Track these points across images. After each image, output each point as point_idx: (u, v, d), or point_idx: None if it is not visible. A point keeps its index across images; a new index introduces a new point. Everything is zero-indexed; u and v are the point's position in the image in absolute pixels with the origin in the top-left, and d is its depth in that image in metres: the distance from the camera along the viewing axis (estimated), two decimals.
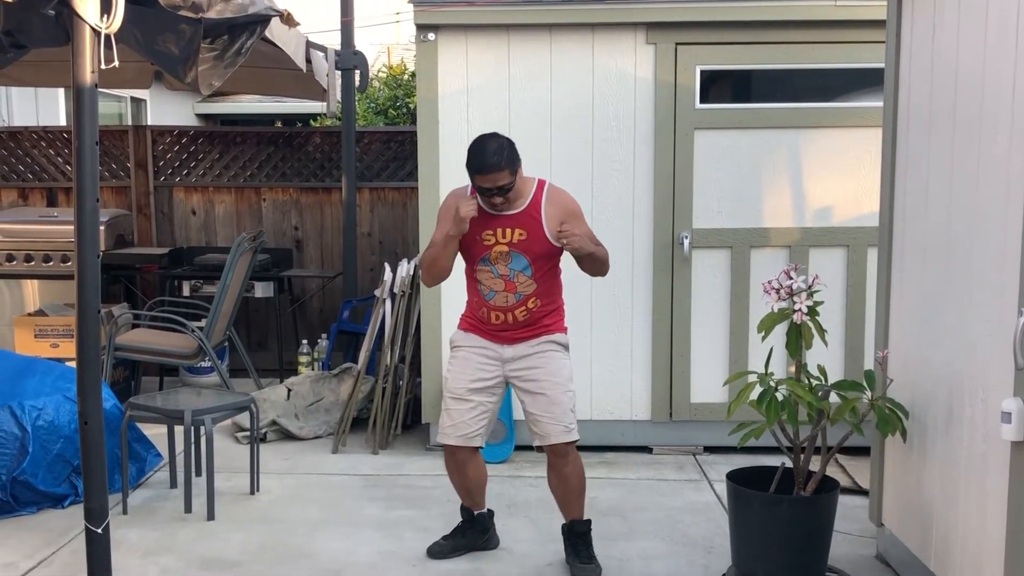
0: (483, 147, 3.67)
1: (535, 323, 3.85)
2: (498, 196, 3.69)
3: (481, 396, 3.90)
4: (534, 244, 3.76)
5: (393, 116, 13.30)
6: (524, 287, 3.81)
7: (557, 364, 3.86)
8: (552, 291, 3.89)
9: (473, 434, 3.92)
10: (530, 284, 3.80)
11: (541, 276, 3.81)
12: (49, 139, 7.81)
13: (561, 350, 3.90)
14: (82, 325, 3.05)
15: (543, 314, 3.86)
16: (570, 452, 3.90)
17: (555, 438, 3.85)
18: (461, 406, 3.90)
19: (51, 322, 6.68)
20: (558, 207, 3.79)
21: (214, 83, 3.58)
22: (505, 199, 3.71)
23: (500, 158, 3.63)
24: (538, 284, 3.81)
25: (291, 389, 6.15)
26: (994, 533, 3.04)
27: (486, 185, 3.66)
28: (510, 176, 3.66)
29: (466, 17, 5.26)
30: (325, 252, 7.82)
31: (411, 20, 5.35)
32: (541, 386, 3.84)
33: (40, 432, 4.60)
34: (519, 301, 3.81)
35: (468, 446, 3.94)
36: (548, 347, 3.86)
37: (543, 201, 3.79)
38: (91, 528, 3.11)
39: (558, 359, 3.87)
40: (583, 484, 3.98)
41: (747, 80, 5.55)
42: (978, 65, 3.19)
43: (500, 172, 3.63)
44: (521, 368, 3.87)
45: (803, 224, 5.40)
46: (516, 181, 3.70)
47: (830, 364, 4.22)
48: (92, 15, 2.93)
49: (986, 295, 3.12)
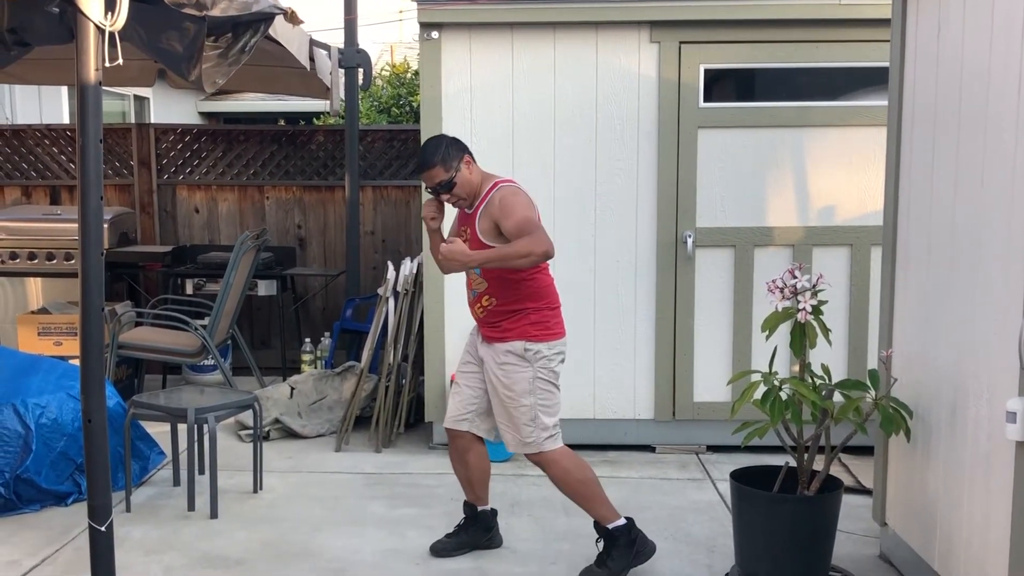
0: (423, 147, 3.89)
1: (496, 323, 3.87)
2: (442, 193, 3.85)
3: (468, 380, 4.00)
4: (473, 242, 3.83)
5: (396, 114, 13.30)
6: (477, 285, 3.91)
7: (512, 377, 3.82)
8: (509, 292, 3.83)
9: (460, 417, 3.99)
10: (481, 282, 3.88)
11: (490, 275, 3.83)
12: (52, 137, 7.82)
13: (518, 362, 3.81)
14: (86, 323, 3.05)
15: (502, 315, 3.84)
16: (544, 462, 3.87)
17: (512, 448, 3.95)
18: (455, 390, 4.06)
19: (54, 320, 6.69)
20: (493, 206, 3.81)
21: (218, 81, 3.58)
22: (451, 196, 3.84)
23: (434, 156, 3.81)
24: (488, 283, 3.85)
25: (294, 387, 6.16)
26: (998, 533, 3.04)
27: (425, 183, 3.87)
28: (444, 173, 3.80)
29: (470, 15, 5.25)
30: (328, 250, 7.82)
31: (415, 18, 5.34)
32: (499, 397, 3.87)
33: (43, 430, 4.60)
34: (475, 298, 3.93)
35: (458, 429, 4.00)
36: (505, 358, 3.83)
37: (486, 201, 3.83)
38: (94, 526, 3.11)
39: (513, 372, 3.82)
40: (580, 490, 3.88)
41: (751, 79, 5.54)
42: (983, 63, 3.19)
43: (433, 169, 3.80)
44: (488, 372, 3.91)
45: (807, 223, 5.40)
46: (455, 178, 3.80)
47: (834, 363, 4.22)
48: (96, 13, 2.93)
49: (991, 294, 3.11)
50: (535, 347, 3.82)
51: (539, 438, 3.82)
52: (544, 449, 3.84)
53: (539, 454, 3.85)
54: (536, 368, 3.81)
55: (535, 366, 3.81)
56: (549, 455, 3.85)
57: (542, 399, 3.82)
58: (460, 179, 3.81)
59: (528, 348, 3.81)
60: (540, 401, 3.82)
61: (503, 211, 3.76)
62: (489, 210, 3.81)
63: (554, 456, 3.86)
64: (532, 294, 3.85)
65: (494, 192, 3.84)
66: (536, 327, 3.84)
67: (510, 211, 3.76)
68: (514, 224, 3.73)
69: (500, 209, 3.77)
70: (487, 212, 3.81)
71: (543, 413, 3.82)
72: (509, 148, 5.37)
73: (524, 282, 3.83)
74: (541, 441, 3.83)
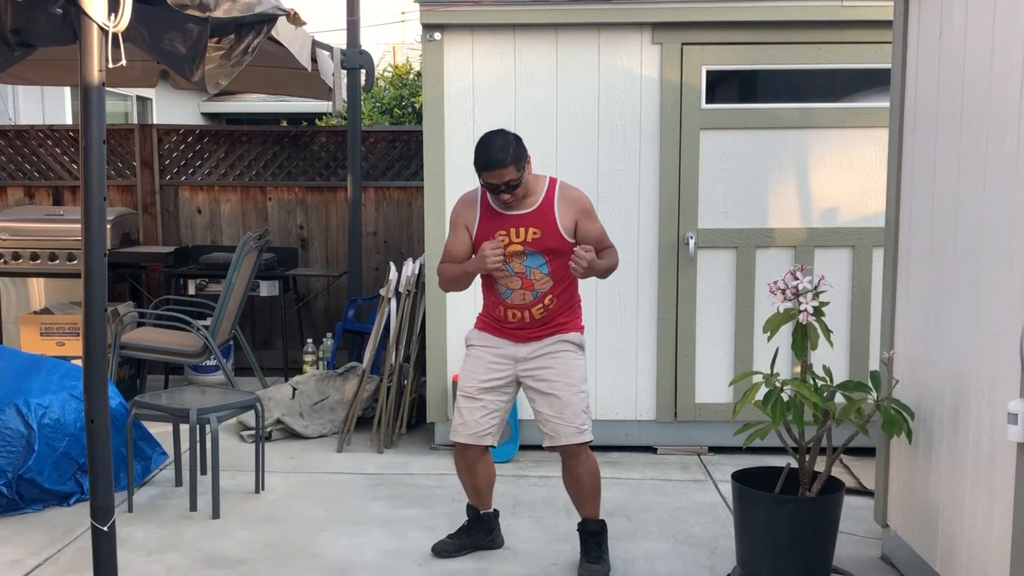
0: (489, 143, 3.67)
1: (551, 321, 3.84)
2: (505, 193, 3.69)
3: (491, 396, 3.90)
4: (549, 241, 3.76)
5: (398, 115, 13.30)
6: (541, 284, 3.81)
7: (570, 365, 3.84)
8: (569, 287, 3.89)
9: (484, 433, 3.92)
10: (547, 281, 3.80)
11: (558, 272, 3.80)
12: (55, 138, 7.83)
13: (575, 350, 3.88)
14: (89, 323, 3.05)
15: (560, 311, 3.85)
16: (582, 453, 3.88)
17: (565, 439, 3.84)
18: (472, 404, 3.91)
19: (57, 320, 6.70)
20: (571, 204, 3.80)
21: (221, 82, 3.59)
22: (513, 195, 3.70)
23: (505, 154, 3.62)
24: (555, 281, 3.81)
25: (296, 388, 6.16)
26: (1000, 534, 3.04)
27: (492, 181, 3.67)
28: (516, 172, 3.65)
29: (472, 17, 5.26)
30: (330, 251, 7.83)
31: (417, 20, 5.34)
32: (553, 387, 3.82)
33: (46, 430, 4.61)
34: (536, 299, 3.81)
35: (479, 445, 3.94)
36: (561, 347, 3.84)
37: (556, 198, 3.79)
38: (97, 526, 3.11)
39: (571, 359, 3.85)
40: (597, 484, 3.95)
41: (753, 80, 5.54)
42: (985, 65, 3.19)
43: (505, 168, 3.63)
44: (533, 368, 3.85)
45: (809, 224, 5.40)
46: (524, 177, 3.69)
47: (835, 365, 4.22)
48: (100, 14, 2.94)
49: (992, 296, 3.11)
50: (582, 339, 3.93)
51: (589, 425, 3.88)
52: (592, 438, 3.89)
53: (585, 444, 3.87)
54: (584, 359, 3.92)
55: (584, 356, 3.93)
56: (587, 446, 3.90)
57: (586, 388, 3.91)
58: (524, 179, 3.74)
59: (581, 339, 3.92)
60: (586, 390, 3.90)
61: (591, 212, 3.84)
62: (567, 207, 3.79)
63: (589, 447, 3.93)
64: (576, 287, 3.96)
65: (560, 188, 3.83)
66: (580, 320, 3.96)
67: (594, 213, 3.87)
68: (599, 229, 3.85)
69: (588, 210, 3.84)
70: (566, 209, 3.78)
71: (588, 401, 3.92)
72: None
73: (577, 280, 3.91)
74: (590, 428, 3.88)
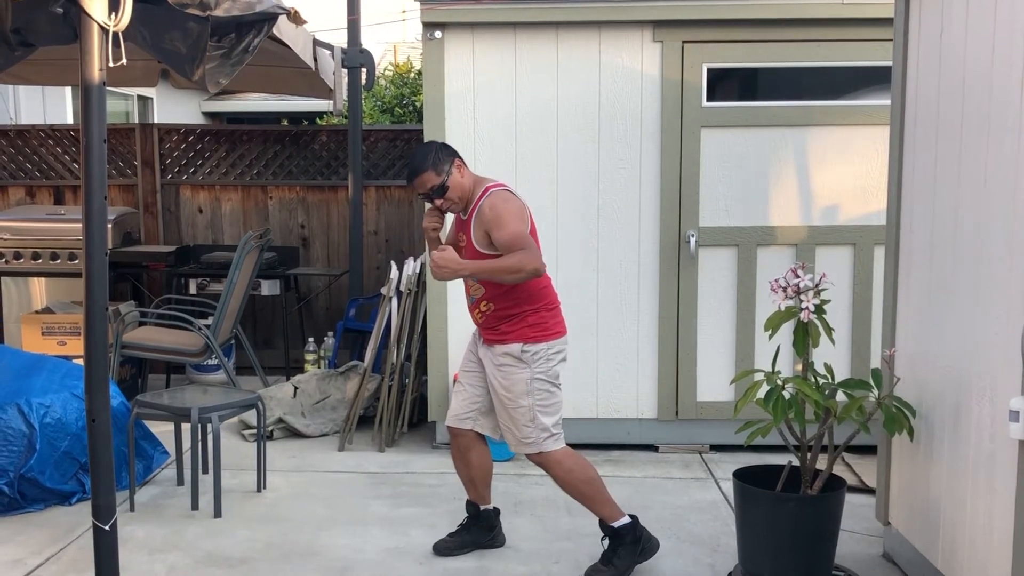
0: (412, 156, 3.91)
1: (495, 327, 3.86)
2: (435, 198, 3.83)
3: (470, 379, 4.02)
4: (469, 250, 3.82)
5: (399, 114, 13.30)
6: (474, 290, 3.89)
7: (512, 379, 3.81)
8: (505, 297, 3.80)
9: (463, 416, 4.00)
10: (478, 288, 3.87)
11: (486, 282, 3.81)
12: (56, 137, 7.83)
13: (515, 363, 3.80)
14: (90, 322, 3.05)
15: (500, 319, 3.83)
16: (544, 462, 3.87)
17: (514, 448, 3.96)
18: (457, 388, 4.07)
19: (58, 319, 6.70)
20: (482, 216, 3.78)
21: (221, 81, 3.59)
22: (445, 200, 3.83)
23: (424, 162, 3.80)
24: (485, 288, 3.83)
25: (297, 387, 6.16)
26: (1001, 532, 3.04)
27: (419, 191, 3.86)
28: (436, 177, 3.79)
29: (473, 15, 5.26)
30: (331, 250, 7.83)
31: (418, 18, 5.35)
32: (499, 398, 3.88)
33: (47, 429, 4.61)
34: (473, 303, 3.93)
35: (461, 428, 4.01)
36: (503, 360, 3.83)
37: (476, 210, 3.82)
38: (99, 525, 3.12)
39: (512, 373, 3.81)
40: (583, 489, 3.88)
41: (754, 78, 5.54)
42: (986, 64, 3.18)
43: (424, 175, 3.79)
44: (488, 374, 3.92)
45: (810, 222, 5.40)
46: (446, 182, 3.79)
47: (837, 363, 4.23)
48: (100, 13, 2.94)
49: (993, 294, 3.11)
50: (532, 348, 3.81)
51: (539, 438, 3.82)
52: (544, 449, 3.84)
53: (540, 454, 3.86)
54: (533, 369, 3.81)
55: (532, 367, 3.81)
56: (551, 455, 3.85)
57: (540, 400, 3.82)
58: (452, 183, 3.80)
59: (525, 350, 3.80)
60: (538, 402, 3.81)
61: (494, 221, 3.73)
62: (480, 218, 3.79)
63: (556, 456, 3.86)
64: (529, 297, 3.83)
65: (484, 198, 3.80)
66: (534, 328, 3.82)
67: (500, 222, 3.72)
68: (505, 237, 3.69)
69: (491, 219, 3.74)
70: (479, 220, 3.79)
71: (541, 414, 3.82)
72: (512, 147, 5.37)
73: (520, 287, 3.80)
74: (541, 441, 3.83)
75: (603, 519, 3.90)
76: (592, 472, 3.90)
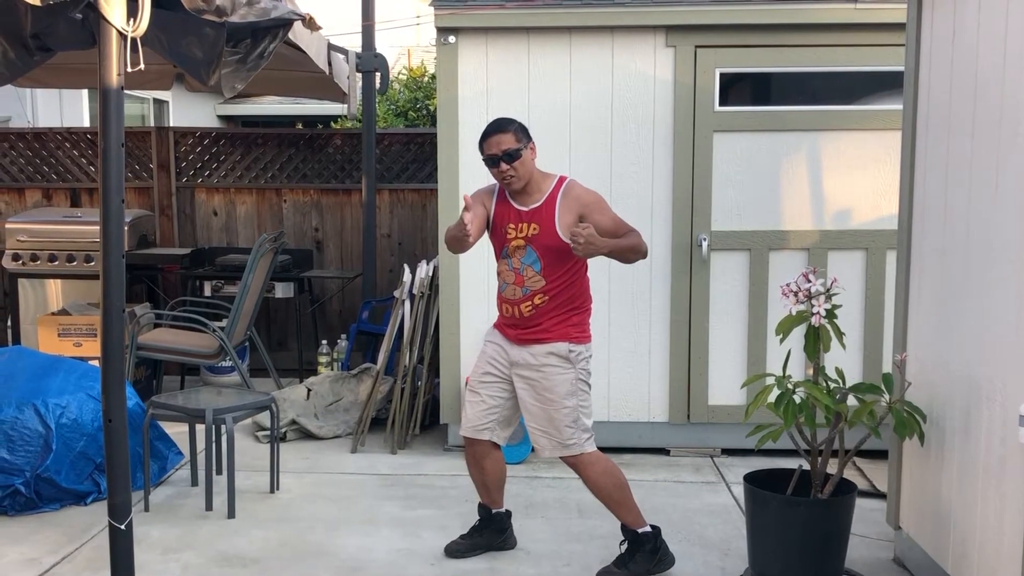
0: (496, 119, 3.87)
1: (538, 323, 3.80)
2: (504, 162, 3.74)
3: (489, 390, 3.93)
4: (544, 238, 3.77)
5: (413, 118, 13.33)
6: (531, 282, 3.80)
7: (555, 380, 3.79)
8: (565, 291, 3.80)
9: (481, 427, 3.95)
10: (538, 280, 3.79)
11: (552, 273, 3.78)
12: (73, 140, 7.89)
13: (560, 363, 3.79)
14: (107, 324, 3.09)
15: (550, 314, 3.79)
16: (580, 463, 3.86)
17: (547, 452, 3.89)
18: (473, 398, 3.97)
19: (74, 321, 6.75)
20: (572, 200, 3.79)
21: (237, 86, 3.62)
22: (511, 167, 3.74)
23: (510, 124, 3.78)
24: (547, 281, 3.78)
25: (311, 389, 6.20)
26: (1012, 537, 3.04)
27: (492, 151, 3.76)
28: (515, 141, 3.74)
29: (486, 20, 5.28)
30: (345, 253, 7.86)
31: (431, 23, 5.37)
32: (538, 401, 3.82)
33: (63, 430, 4.65)
34: (525, 296, 3.81)
35: (478, 439, 3.97)
36: (548, 360, 3.79)
37: (559, 196, 3.80)
38: (114, 524, 3.14)
39: (555, 375, 3.79)
40: (613, 494, 3.88)
41: (766, 83, 5.55)
42: (998, 68, 3.19)
43: (504, 134, 3.75)
44: (520, 378, 3.86)
45: (822, 226, 5.40)
46: (523, 153, 3.75)
47: (848, 367, 4.22)
48: (119, 19, 2.97)
49: (1004, 298, 3.12)
50: (577, 348, 3.82)
51: (581, 439, 3.82)
52: (586, 450, 3.84)
53: (579, 456, 3.84)
54: (577, 370, 3.82)
55: (576, 367, 3.81)
56: (588, 457, 3.85)
57: (582, 401, 3.83)
58: (525, 156, 3.77)
59: (572, 350, 3.80)
60: (581, 403, 3.82)
61: (595, 205, 3.79)
62: (569, 204, 3.77)
63: (592, 458, 3.86)
64: (580, 294, 3.87)
65: (566, 186, 3.82)
66: (576, 328, 3.84)
67: (602, 207, 3.81)
68: (612, 220, 3.79)
69: (591, 203, 3.79)
70: (567, 206, 3.77)
71: (583, 415, 3.83)
72: None
73: (579, 282, 3.85)
74: (583, 442, 3.83)
75: (624, 523, 3.92)
76: (622, 477, 3.91)
